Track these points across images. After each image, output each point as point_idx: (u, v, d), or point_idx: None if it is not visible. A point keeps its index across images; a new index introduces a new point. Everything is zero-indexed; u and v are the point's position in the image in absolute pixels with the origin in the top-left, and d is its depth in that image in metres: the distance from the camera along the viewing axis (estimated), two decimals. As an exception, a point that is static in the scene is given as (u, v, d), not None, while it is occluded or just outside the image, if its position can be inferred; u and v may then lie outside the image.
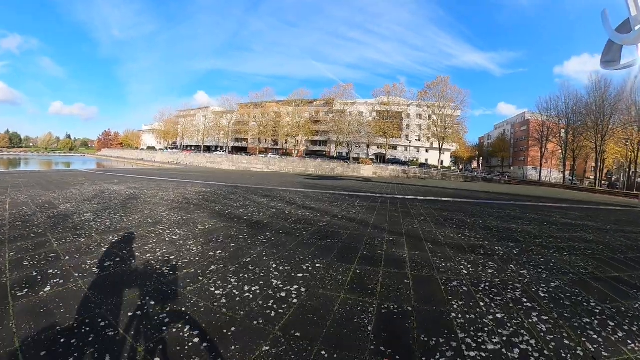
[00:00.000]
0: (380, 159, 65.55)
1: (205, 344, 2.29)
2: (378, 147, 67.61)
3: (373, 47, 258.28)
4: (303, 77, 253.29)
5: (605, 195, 32.46)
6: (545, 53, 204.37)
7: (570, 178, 59.15)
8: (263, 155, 65.65)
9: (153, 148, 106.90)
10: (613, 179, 64.32)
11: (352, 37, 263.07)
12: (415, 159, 65.53)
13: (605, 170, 69.12)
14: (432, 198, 14.38)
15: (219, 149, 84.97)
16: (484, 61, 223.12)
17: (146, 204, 8.53)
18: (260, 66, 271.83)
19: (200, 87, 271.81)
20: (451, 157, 76.40)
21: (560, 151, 59.45)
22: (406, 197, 14.22)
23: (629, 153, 43.17)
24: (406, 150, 69.88)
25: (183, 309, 2.81)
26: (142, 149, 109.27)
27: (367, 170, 50.52)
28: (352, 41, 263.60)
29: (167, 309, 2.78)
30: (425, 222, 7.83)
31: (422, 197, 14.39)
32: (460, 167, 79.56)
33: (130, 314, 2.66)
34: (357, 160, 56.82)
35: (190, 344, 2.29)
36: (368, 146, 68.05)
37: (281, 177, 27.36)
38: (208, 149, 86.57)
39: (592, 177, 65.38)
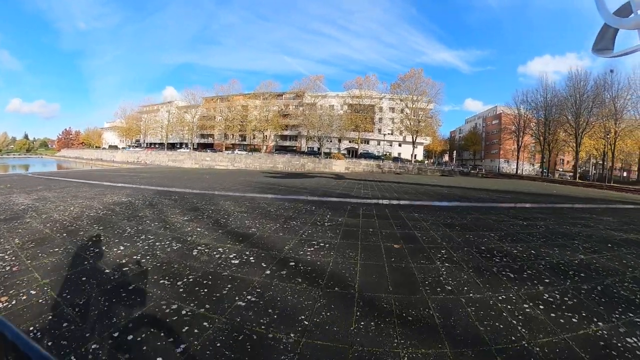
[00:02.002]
0: (353, 153, 62.17)
1: None
2: (350, 142, 64.15)
3: (345, 44, 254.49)
4: (274, 72, 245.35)
5: (590, 188, 30.33)
6: (511, 52, 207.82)
7: (544, 170, 58.21)
8: (229, 152, 60.82)
9: (115, 147, 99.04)
10: (580, 171, 64.03)
11: (325, 33, 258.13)
12: (388, 153, 62.65)
13: (573, 162, 69.07)
14: (429, 203, 10.80)
15: (183, 146, 79.10)
16: (453, 59, 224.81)
17: (6, 232, 5.29)
18: (230, 60, 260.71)
19: (169, 83, 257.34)
20: (424, 150, 74.13)
21: (532, 144, 58.34)
22: (395, 202, 10.58)
23: (607, 146, 42.08)
24: (379, 144, 66.83)
25: None
26: (103, 148, 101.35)
27: (340, 166, 46.98)
28: (325, 37, 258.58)
29: None
30: (457, 268, 4.09)
31: (415, 202, 10.77)
32: (432, 160, 77.64)
33: None
34: (328, 155, 53.16)
35: None
36: (340, 140, 64.36)
37: (240, 176, 23.23)
38: (173, 147, 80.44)
39: (561, 169, 64.80)
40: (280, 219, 6.85)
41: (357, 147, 62.22)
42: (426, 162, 64.33)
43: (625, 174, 49.96)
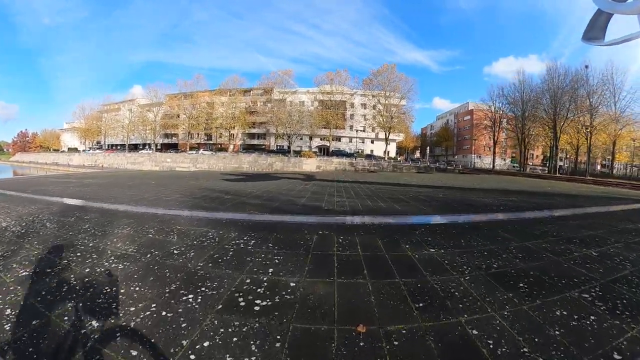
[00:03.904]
0: (324, 151, 58.65)
1: None
2: (321, 139, 60.53)
3: (318, 42, 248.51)
4: (246, 70, 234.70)
5: (575, 182, 28.16)
6: (478, 53, 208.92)
7: (515, 165, 57.11)
8: (194, 152, 55.88)
9: (75, 149, 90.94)
10: (550, 164, 63.98)
11: (298, 31, 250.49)
12: (360, 151, 59.44)
13: (542, 157, 68.79)
14: (435, 219, 7.26)
15: (146, 146, 72.91)
16: (424, 58, 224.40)
17: None
18: (202, 59, 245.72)
19: (137, 82, 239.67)
20: (396, 147, 71.65)
21: (504, 139, 57.22)
22: (387, 221, 6.96)
23: (581, 140, 41.95)
24: (351, 141, 63.45)
25: None
26: (62, 151, 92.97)
27: (310, 165, 43.39)
28: (298, 35, 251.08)
29: None
30: None
31: (415, 219, 7.18)
32: (404, 157, 75.57)
33: None
34: (298, 153, 49.34)
35: None
36: (311, 138, 60.46)
37: (192, 180, 19.19)
38: (135, 148, 74.16)
39: (531, 164, 64.13)
40: (169, 286, 3.17)
41: (328, 144, 58.76)
42: (399, 158, 62.02)
43: (598, 167, 49.48)
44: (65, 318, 2.50)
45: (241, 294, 2.92)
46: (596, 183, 28.18)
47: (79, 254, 4.19)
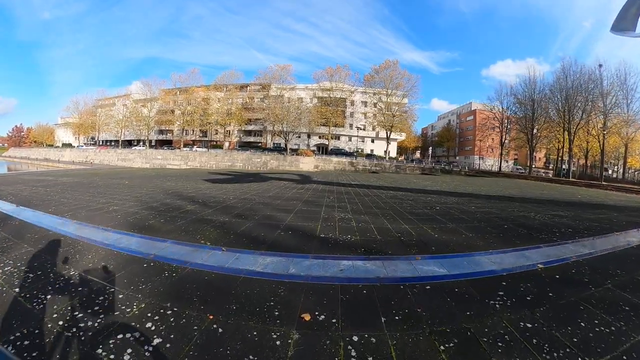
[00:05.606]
0: (323, 150, 55.99)
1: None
2: (320, 137, 57.74)
3: (317, 41, 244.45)
4: (244, 67, 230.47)
5: (598, 189, 25.58)
6: (477, 56, 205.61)
7: (518, 167, 54.67)
8: (188, 149, 53.07)
9: (69, 145, 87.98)
10: (552, 167, 61.91)
11: (296, 30, 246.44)
12: (360, 150, 56.71)
13: (544, 160, 66.24)
14: (495, 264, 4.66)
15: (141, 143, 69.88)
16: (422, 59, 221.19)
17: None
18: (198, 54, 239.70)
19: (136, 77, 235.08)
20: (397, 147, 68.93)
21: (507, 141, 54.78)
22: (434, 268, 4.33)
23: (592, 143, 40.91)
24: (350, 140, 60.71)
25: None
26: (56, 147, 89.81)
27: (308, 164, 40.68)
28: (296, 34, 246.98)
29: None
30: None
31: (475, 270, 4.52)
32: (404, 157, 73.02)
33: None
34: (295, 152, 46.58)
35: None
36: (309, 136, 57.79)
37: (168, 181, 16.58)
38: (129, 144, 71.18)
39: (534, 166, 61.68)
40: None
41: (327, 143, 55.99)
42: (400, 158, 59.45)
43: (609, 171, 47.20)
44: None
45: None
46: (618, 190, 25.49)
47: None
